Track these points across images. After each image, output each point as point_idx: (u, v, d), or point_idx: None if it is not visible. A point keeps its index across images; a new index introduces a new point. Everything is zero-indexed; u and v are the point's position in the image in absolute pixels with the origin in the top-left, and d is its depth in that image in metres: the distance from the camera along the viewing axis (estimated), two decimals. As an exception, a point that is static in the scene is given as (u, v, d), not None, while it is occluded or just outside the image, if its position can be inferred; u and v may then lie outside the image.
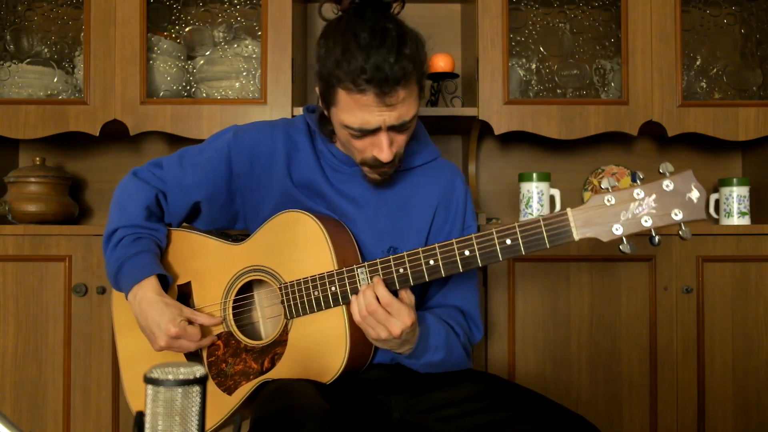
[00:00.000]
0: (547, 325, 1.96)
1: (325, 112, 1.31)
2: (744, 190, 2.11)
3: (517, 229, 1.14)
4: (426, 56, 1.25)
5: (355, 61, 1.16)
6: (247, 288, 1.39)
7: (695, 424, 1.95)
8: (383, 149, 1.24)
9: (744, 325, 1.97)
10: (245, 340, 1.34)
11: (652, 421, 1.95)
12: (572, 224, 1.11)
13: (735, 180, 2.11)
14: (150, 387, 0.74)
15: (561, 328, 1.96)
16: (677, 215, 1.08)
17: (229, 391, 1.33)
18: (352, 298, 1.21)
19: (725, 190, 2.12)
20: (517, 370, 1.95)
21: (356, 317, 1.19)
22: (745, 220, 2.09)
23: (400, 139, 1.27)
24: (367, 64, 1.16)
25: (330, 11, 1.28)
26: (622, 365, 1.96)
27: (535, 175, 2.10)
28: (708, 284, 1.96)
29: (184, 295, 1.41)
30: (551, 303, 1.96)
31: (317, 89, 1.29)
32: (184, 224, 1.49)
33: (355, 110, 1.21)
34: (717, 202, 2.15)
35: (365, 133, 1.23)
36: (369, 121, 1.21)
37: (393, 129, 1.24)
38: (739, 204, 2.10)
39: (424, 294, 1.42)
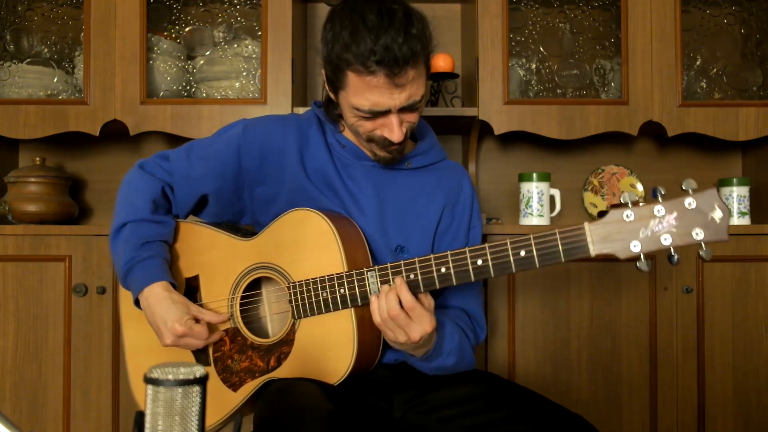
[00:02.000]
0: (547, 325, 1.96)
1: (332, 96, 1.31)
2: (744, 190, 2.11)
3: (532, 241, 1.11)
4: (432, 35, 1.26)
5: (364, 43, 1.17)
6: (256, 284, 1.39)
7: (695, 424, 1.95)
8: (394, 130, 1.25)
9: (744, 325, 1.97)
10: (252, 338, 1.33)
11: (652, 421, 1.95)
12: (589, 239, 1.08)
13: (735, 180, 2.11)
14: (150, 387, 0.74)
15: (561, 328, 1.96)
16: (698, 235, 1.04)
17: (234, 387, 1.33)
18: (372, 298, 1.19)
19: (725, 190, 2.12)
20: (517, 370, 1.95)
21: (376, 319, 1.18)
22: (745, 220, 2.09)
23: (411, 116, 1.28)
24: (376, 46, 1.16)
25: None
26: (622, 365, 1.96)
27: (535, 175, 2.10)
28: (708, 284, 1.96)
29: (192, 289, 1.41)
30: (551, 303, 1.96)
31: (323, 74, 1.30)
32: (193, 217, 1.49)
33: (366, 92, 1.21)
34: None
35: (376, 114, 1.24)
36: (379, 102, 1.22)
37: (403, 110, 1.25)
38: (739, 204, 2.10)
39: None
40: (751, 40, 2.28)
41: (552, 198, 2.13)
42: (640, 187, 2.36)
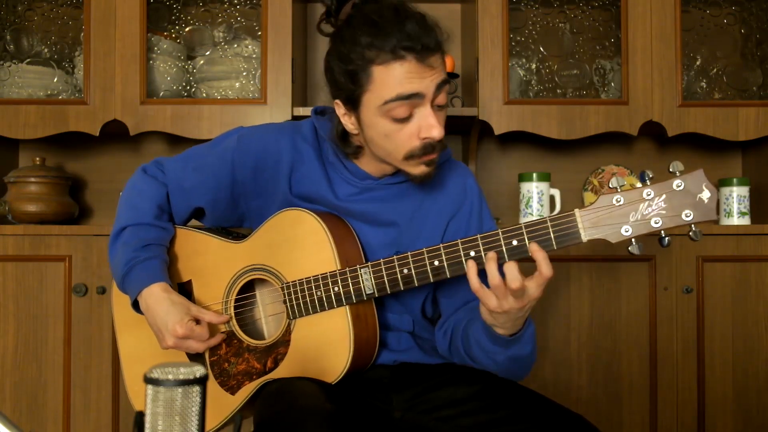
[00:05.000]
0: (547, 325, 1.96)
1: (351, 122, 1.25)
2: (744, 190, 2.11)
3: (524, 230, 1.12)
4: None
5: (389, 33, 1.15)
6: (249, 287, 1.38)
7: (695, 424, 1.95)
8: (433, 124, 1.19)
9: (744, 325, 1.97)
10: (248, 340, 1.33)
11: (652, 421, 1.95)
12: (580, 225, 1.09)
13: (735, 180, 2.11)
14: (150, 387, 0.74)
15: (561, 328, 1.96)
16: (688, 216, 1.05)
17: (232, 390, 1.32)
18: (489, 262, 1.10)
19: (725, 190, 2.12)
20: (517, 370, 1.95)
21: (493, 306, 1.11)
22: (745, 220, 2.09)
23: (442, 118, 1.23)
24: (402, 33, 1.15)
25: (329, 27, 1.27)
26: (622, 365, 1.96)
27: (535, 175, 2.10)
28: (708, 284, 1.97)
29: (185, 294, 1.40)
30: (551, 303, 1.96)
31: (339, 99, 1.24)
32: (193, 220, 1.48)
33: (396, 83, 1.16)
34: (717, 202, 2.15)
35: (410, 102, 1.17)
36: (411, 86, 1.17)
37: (436, 100, 1.20)
38: (739, 204, 2.10)
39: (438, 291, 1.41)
40: (751, 40, 2.28)
41: (552, 198, 2.13)
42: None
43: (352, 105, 1.23)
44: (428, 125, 1.19)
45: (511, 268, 1.08)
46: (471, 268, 1.12)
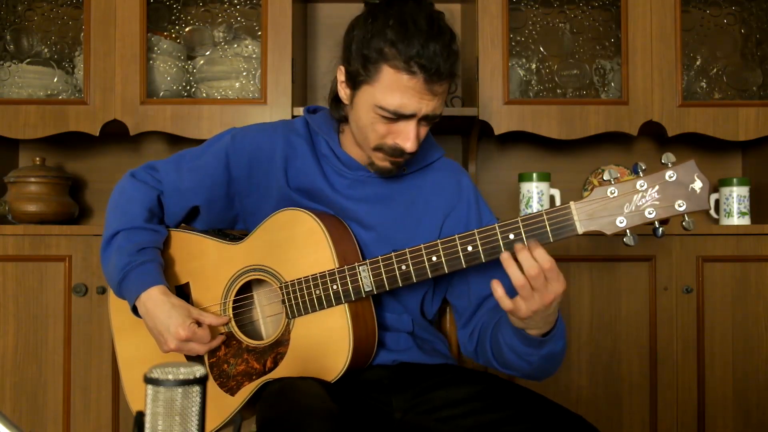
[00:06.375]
0: (547, 325, 1.96)
1: (346, 95, 1.28)
2: (744, 190, 2.11)
3: (520, 224, 1.13)
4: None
5: (412, 44, 1.17)
6: (246, 288, 1.38)
7: (695, 424, 1.95)
8: (410, 138, 1.23)
9: (744, 325, 1.97)
10: (247, 341, 1.33)
11: (652, 421, 1.95)
12: (575, 217, 1.11)
13: (735, 180, 2.11)
14: (150, 387, 0.74)
15: (561, 328, 1.96)
16: (681, 206, 1.07)
17: (232, 391, 1.32)
18: (507, 262, 1.09)
19: (725, 190, 2.12)
20: (517, 370, 1.95)
21: (518, 282, 1.09)
22: (745, 220, 2.09)
23: (424, 131, 1.27)
24: (424, 50, 1.17)
25: None
26: (622, 365, 1.96)
27: (535, 175, 2.10)
28: (708, 284, 1.97)
29: (183, 297, 1.39)
30: (551, 303, 1.96)
31: (344, 67, 1.27)
32: (183, 225, 1.48)
33: (397, 91, 1.20)
34: (717, 202, 2.15)
35: (398, 117, 1.22)
36: (408, 105, 1.21)
37: (423, 120, 1.24)
38: (739, 204, 2.10)
39: (440, 286, 1.41)
40: (751, 40, 2.28)
41: (552, 198, 2.13)
42: (640, 187, 2.36)
43: (352, 83, 1.26)
44: (405, 137, 1.24)
45: (526, 256, 1.09)
46: (498, 289, 1.11)
